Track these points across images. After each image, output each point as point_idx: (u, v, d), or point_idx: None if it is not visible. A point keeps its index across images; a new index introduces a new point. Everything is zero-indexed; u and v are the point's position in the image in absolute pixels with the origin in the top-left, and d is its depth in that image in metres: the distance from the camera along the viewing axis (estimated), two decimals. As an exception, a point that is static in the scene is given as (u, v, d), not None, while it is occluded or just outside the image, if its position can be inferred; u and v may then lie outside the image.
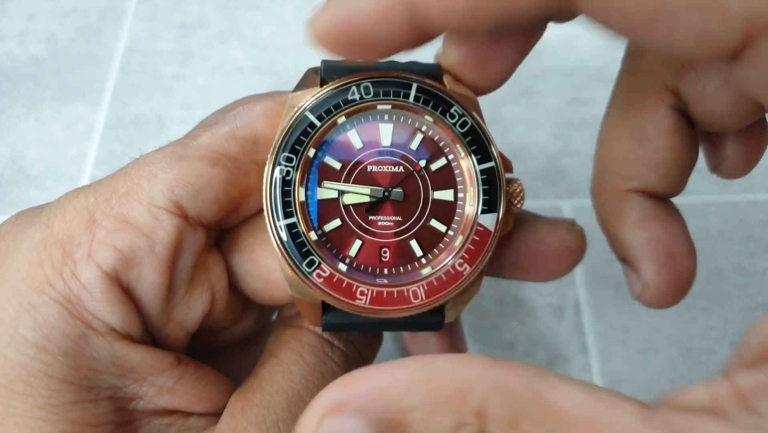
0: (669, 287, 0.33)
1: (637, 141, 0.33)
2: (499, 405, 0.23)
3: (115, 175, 0.32)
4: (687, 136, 0.33)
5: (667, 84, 0.32)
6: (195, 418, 0.32)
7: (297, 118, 0.31)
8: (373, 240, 0.32)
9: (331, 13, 0.27)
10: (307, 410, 0.25)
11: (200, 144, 0.32)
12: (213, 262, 0.33)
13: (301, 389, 0.32)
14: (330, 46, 0.28)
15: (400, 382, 0.24)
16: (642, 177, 0.33)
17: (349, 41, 0.28)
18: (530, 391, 0.23)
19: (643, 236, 0.33)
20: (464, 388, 0.23)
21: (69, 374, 0.29)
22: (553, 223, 0.35)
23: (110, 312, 0.29)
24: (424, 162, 0.32)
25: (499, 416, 0.23)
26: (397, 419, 0.23)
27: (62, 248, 0.29)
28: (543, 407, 0.23)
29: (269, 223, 0.30)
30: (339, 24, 0.27)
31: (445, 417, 0.23)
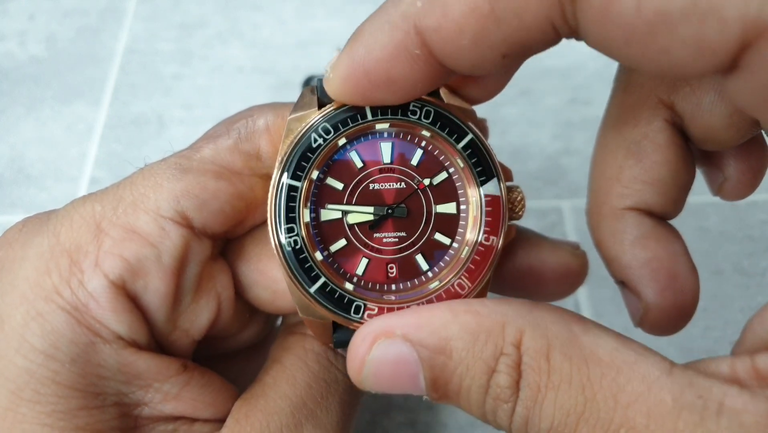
0: (672, 309, 0.32)
1: (633, 157, 0.32)
2: (535, 338, 0.25)
3: (120, 184, 0.32)
4: (683, 153, 0.32)
5: (661, 99, 0.32)
6: (199, 424, 0.32)
7: (300, 139, 0.31)
8: (380, 257, 0.32)
9: (346, 57, 0.28)
10: (357, 336, 0.27)
11: (204, 157, 0.32)
12: (219, 271, 0.33)
13: (305, 395, 0.32)
14: (349, 92, 0.29)
15: (445, 313, 0.26)
16: (638, 194, 0.32)
17: (368, 85, 0.28)
18: (566, 329, 0.25)
19: (642, 256, 0.32)
20: (504, 321, 0.25)
21: (76, 381, 0.29)
22: (556, 244, 0.35)
23: (117, 320, 0.29)
24: (428, 180, 0.32)
25: (534, 348, 0.25)
26: (440, 346, 0.26)
27: (69, 256, 0.30)
28: (575, 346, 0.25)
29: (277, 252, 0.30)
30: (356, 66, 0.28)
31: (486, 346, 0.25)
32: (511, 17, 0.25)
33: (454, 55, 0.26)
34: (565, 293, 0.36)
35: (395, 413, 0.50)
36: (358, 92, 0.29)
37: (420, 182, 0.32)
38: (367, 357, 0.27)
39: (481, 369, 0.25)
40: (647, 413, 0.23)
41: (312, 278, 0.30)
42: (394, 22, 0.27)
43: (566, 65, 0.67)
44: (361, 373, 0.27)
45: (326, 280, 0.30)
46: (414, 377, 0.26)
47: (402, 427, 0.49)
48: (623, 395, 0.23)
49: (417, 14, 0.26)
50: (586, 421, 0.23)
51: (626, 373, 0.24)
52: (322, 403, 0.32)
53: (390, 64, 0.27)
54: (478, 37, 0.25)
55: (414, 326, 0.26)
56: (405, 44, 0.27)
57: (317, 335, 0.32)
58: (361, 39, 0.27)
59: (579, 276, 0.35)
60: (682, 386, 0.23)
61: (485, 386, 0.25)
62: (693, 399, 0.23)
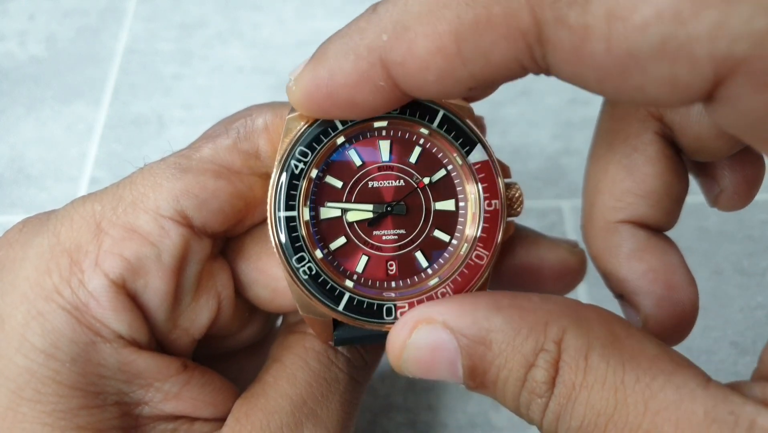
0: (671, 320, 0.32)
1: (625, 170, 0.32)
2: (577, 336, 0.25)
3: (120, 183, 0.32)
4: (674, 164, 0.32)
5: (650, 111, 0.32)
6: (200, 423, 0.32)
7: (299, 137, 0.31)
8: (379, 254, 0.32)
9: (309, 75, 0.28)
10: (398, 322, 0.28)
11: (203, 156, 0.32)
12: (219, 270, 0.33)
13: (305, 394, 0.32)
14: (311, 108, 0.29)
15: (489, 304, 0.26)
16: (632, 207, 0.32)
17: (330, 102, 0.28)
18: (608, 331, 0.25)
19: (639, 268, 0.32)
20: (548, 318, 0.26)
21: (76, 380, 0.29)
22: (554, 242, 0.35)
23: (117, 319, 0.29)
24: (428, 180, 0.32)
25: (575, 347, 0.25)
26: (481, 336, 0.26)
27: (69, 256, 0.30)
28: (616, 348, 0.25)
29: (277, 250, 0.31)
30: (318, 86, 0.27)
31: (527, 341, 0.25)
32: (478, 58, 0.24)
33: (419, 87, 0.26)
34: (564, 291, 0.36)
35: (395, 413, 0.50)
36: (319, 109, 0.29)
37: (419, 181, 0.32)
38: (408, 341, 0.27)
39: (519, 362, 0.26)
40: (676, 423, 0.23)
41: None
42: (359, 52, 0.26)
43: (566, 65, 0.67)
44: (401, 357, 0.27)
45: (325, 277, 0.30)
46: (453, 364, 0.26)
47: (402, 427, 0.49)
48: (654, 402, 0.23)
49: (383, 48, 0.26)
50: (615, 423, 0.24)
51: (661, 381, 0.24)
52: (322, 402, 0.32)
53: (353, 90, 0.27)
54: (444, 74, 0.25)
55: (455, 314, 0.26)
56: (369, 75, 0.27)
57: (318, 333, 0.32)
58: (325, 61, 0.27)
59: (577, 274, 0.35)
60: (716, 401, 0.23)
61: (522, 379, 0.26)
62: (725, 414, 0.23)
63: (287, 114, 0.31)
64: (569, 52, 0.23)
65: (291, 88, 0.29)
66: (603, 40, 0.22)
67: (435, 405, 0.50)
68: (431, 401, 0.50)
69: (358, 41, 0.26)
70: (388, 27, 0.26)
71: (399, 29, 0.25)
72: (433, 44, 0.25)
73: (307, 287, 0.30)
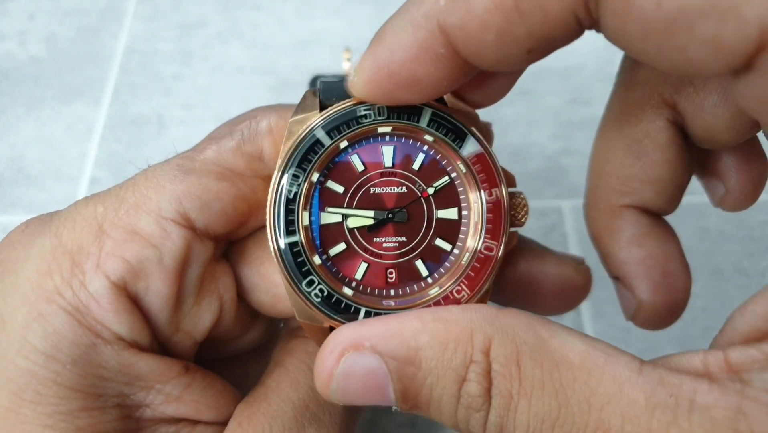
0: (664, 306, 0.33)
1: (633, 155, 0.32)
2: (503, 344, 0.25)
3: (123, 185, 0.32)
4: (682, 152, 0.32)
5: (664, 98, 0.32)
6: (201, 427, 0.32)
7: (301, 142, 0.31)
8: (379, 262, 0.31)
9: (370, 59, 0.28)
10: (325, 348, 0.27)
11: (207, 158, 0.32)
12: (222, 272, 0.33)
13: (308, 398, 0.32)
14: (375, 93, 0.28)
15: (413, 323, 0.26)
16: (637, 192, 0.32)
17: (392, 83, 0.28)
18: (533, 335, 0.25)
19: (638, 253, 0.32)
20: (472, 328, 0.25)
21: (77, 382, 0.29)
22: (559, 258, 0.35)
23: (118, 321, 0.29)
24: (433, 190, 0.32)
25: (504, 355, 0.25)
26: (410, 356, 0.25)
27: (71, 258, 0.30)
28: (545, 351, 0.24)
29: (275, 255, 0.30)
30: (380, 68, 0.27)
31: (455, 355, 0.25)
32: (536, 11, 0.25)
33: (479, 51, 0.26)
34: (567, 308, 0.36)
35: (395, 413, 0.50)
36: (383, 93, 0.29)
37: (424, 190, 0.32)
38: (335, 371, 0.26)
39: (451, 378, 0.25)
40: (621, 415, 0.23)
41: (309, 282, 0.30)
42: (417, 23, 0.26)
43: (566, 65, 0.67)
44: (329, 387, 0.27)
45: (322, 283, 0.30)
46: (383, 389, 0.26)
47: (402, 427, 0.49)
48: (596, 398, 0.23)
49: (440, 13, 0.26)
50: (561, 426, 0.23)
51: (597, 375, 0.24)
52: (325, 406, 0.32)
53: (414, 64, 0.27)
54: (503, 32, 0.25)
55: (383, 337, 0.26)
56: (429, 44, 0.27)
57: (315, 340, 0.32)
58: (384, 41, 0.27)
59: (581, 292, 0.35)
60: (654, 385, 0.23)
61: (456, 395, 0.25)
62: (665, 397, 0.23)
63: (290, 117, 0.31)
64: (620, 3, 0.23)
65: (353, 80, 0.29)
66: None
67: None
68: (431, 401, 0.50)
69: (414, 12, 0.27)
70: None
71: None
72: (491, 1, 0.25)
73: (305, 294, 0.30)
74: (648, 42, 0.24)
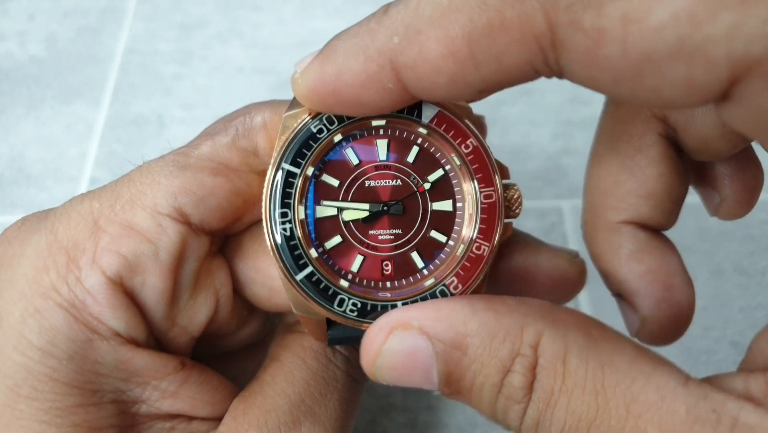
0: (669, 321, 0.32)
1: (628, 171, 0.32)
2: (553, 340, 0.25)
3: (118, 181, 0.32)
4: (676, 165, 0.32)
5: (654, 112, 0.32)
6: (197, 422, 0.32)
7: (295, 136, 0.31)
8: (375, 254, 0.32)
9: (316, 71, 0.27)
10: (373, 326, 0.27)
11: (202, 154, 0.32)
12: (217, 267, 0.33)
13: (303, 392, 0.32)
14: (315, 102, 0.28)
15: (465, 309, 0.26)
16: (634, 208, 0.32)
17: (335, 100, 0.28)
18: (585, 334, 0.25)
19: (638, 269, 0.32)
20: (524, 322, 0.25)
21: (73, 377, 0.29)
22: (554, 251, 0.35)
23: (114, 317, 0.29)
24: (429, 185, 0.32)
25: (552, 351, 0.25)
26: (457, 341, 0.25)
27: (67, 254, 0.30)
28: (593, 351, 0.24)
29: (271, 249, 0.30)
30: (324, 82, 0.27)
31: (503, 345, 0.25)
32: (490, 61, 0.24)
33: (428, 90, 0.26)
34: (560, 301, 0.35)
35: (395, 413, 0.50)
36: (323, 105, 0.29)
37: (420, 185, 0.32)
38: (383, 347, 0.26)
39: (495, 368, 0.25)
40: (659, 424, 0.23)
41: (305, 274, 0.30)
42: (369, 55, 0.26)
43: (566, 65, 0.67)
44: (374, 364, 0.27)
45: (320, 276, 0.30)
46: (428, 370, 0.26)
47: (402, 427, 0.49)
48: (636, 405, 0.23)
49: (393, 51, 0.26)
50: (597, 428, 0.23)
51: (641, 382, 0.24)
52: (320, 400, 0.32)
53: (360, 90, 0.27)
54: (455, 77, 0.25)
55: (432, 319, 0.26)
56: (378, 77, 0.26)
57: (312, 333, 0.32)
58: (334, 59, 0.27)
59: (576, 285, 0.35)
60: (697, 399, 0.23)
61: (498, 385, 0.25)
62: (707, 412, 0.22)
63: (284, 112, 0.31)
64: (584, 56, 0.23)
65: (297, 81, 0.29)
66: (618, 43, 0.22)
67: (435, 405, 0.50)
68: (431, 401, 0.50)
69: (368, 42, 0.26)
70: (400, 30, 0.25)
71: (411, 32, 0.25)
72: (446, 48, 0.25)
73: (302, 286, 0.30)
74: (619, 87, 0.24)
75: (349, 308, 0.30)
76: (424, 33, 0.25)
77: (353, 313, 0.30)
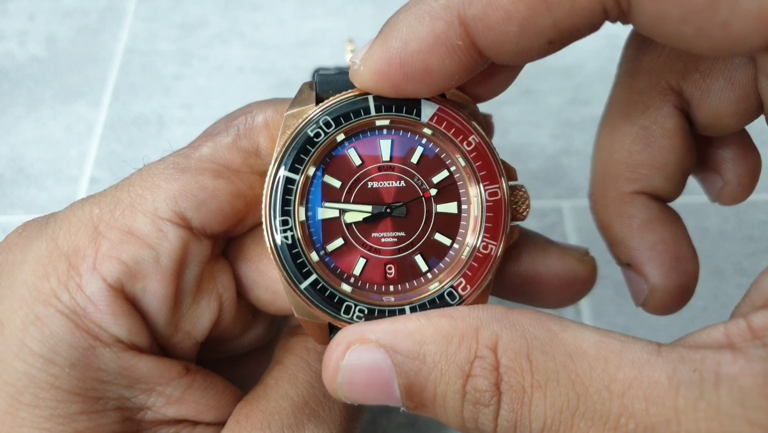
0: (677, 290, 0.33)
1: (642, 142, 0.32)
2: (512, 340, 0.24)
3: (118, 185, 0.32)
4: (688, 138, 0.33)
5: (671, 84, 0.32)
6: (201, 427, 0.32)
7: (296, 135, 0.30)
8: (378, 257, 0.31)
9: (380, 50, 0.27)
10: (332, 343, 0.27)
11: (202, 155, 0.31)
12: (220, 271, 0.33)
13: (307, 395, 0.32)
14: (382, 84, 0.28)
15: (420, 319, 0.26)
16: (647, 178, 0.32)
17: (402, 75, 0.27)
18: (544, 329, 0.25)
19: (650, 238, 0.33)
20: (477, 325, 0.25)
21: (76, 385, 0.29)
22: (563, 250, 0.34)
23: (116, 324, 0.29)
24: (435, 191, 0.31)
25: (513, 350, 0.24)
26: (414, 351, 0.25)
27: (67, 260, 0.30)
28: (557, 343, 0.24)
29: (273, 254, 0.30)
30: (390, 59, 0.27)
31: (459, 349, 0.25)
32: (564, 1, 0.24)
33: (498, 43, 0.26)
34: (570, 301, 0.35)
35: (395, 413, 0.50)
36: (391, 85, 0.28)
37: (426, 190, 0.31)
38: (341, 363, 0.26)
39: (455, 373, 0.25)
40: (644, 397, 0.22)
41: (306, 277, 0.30)
42: (435, 13, 0.26)
43: (566, 65, 0.67)
44: (335, 381, 0.26)
45: (320, 279, 0.30)
46: (389, 384, 0.26)
47: (402, 427, 0.49)
48: (616, 385, 0.23)
49: (462, 3, 0.25)
50: (582, 415, 0.23)
51: (615, 362, 0.23)
52: (324, 402, 0.32)
53: (428, 56, 0.27)
54: (527, 23, 0.25)
55: (388, 331, 0.26)
56: (447, 35, 0.26)
57: (314, 336, 0.32)
58: (397, 31, 0.27)
59: (586, 284, 0.35)
60: (675, 363, 0.23)
61: (461, 391, 0.25)
62: (689, 374, 0.22)
63: (286, 111, 0.31)
64: None
65: (358, 71, 0.28)
66: None
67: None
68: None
69: (432, 3, 0.26)
70: None
71: None
72: None
73: (306, 294, 0.30)
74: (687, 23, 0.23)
75: (356, 315, 0.30)
76: None
77: (361, 320, 0.30)
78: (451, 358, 0.25)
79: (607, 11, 0.25)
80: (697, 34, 0.23)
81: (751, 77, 0.30)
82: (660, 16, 0.24)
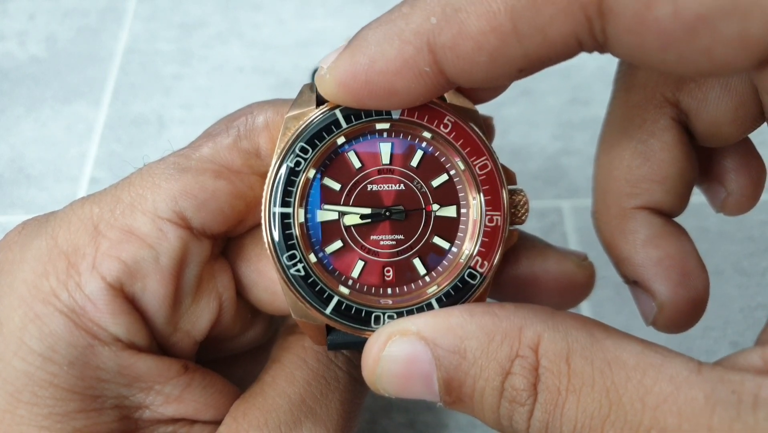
0: (686, 306, 0.32)
1: (641, 156, 0.32)
2: (554, 341, 0.24)
3: (119, 185, 0.32)
4: (688, 150, 0.32)
5: (666, 97, 0.31)
6: (199, 426, 0.32)
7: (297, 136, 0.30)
8: (376, 260, 0.31)
9: (346, 63, 0.27)
10: (373, 336, 0.27)
11: (203, 156, 0.31)
12: (220, 271, 0.33)
13: (304, 392, 0.32)
14: (345, 97, 0.28)
15: (463, 314, 0.26)
16: (648, 193, 0.32)
17: (367, 91, 0.27)
18: (587, 333, 0.25)
19: (655, 255, 0.32)
20: (522, 324, 0.25)
21: (74, 383, 0.29)
22: (562, 254, 0.34)
23: (115, 323, 0.29)
24: (438, 207, 0.31)
25: (553, 352, 0.24)
26: (455, 345, 0.25)
27: (67, 259, 0.30)
28: (598, 350, 0.24)
29: (271, 254, 0.30)
30: (356, 74, 0.27)
31: (501, 347, 0.25)
32: (535, 34, 0.24)
33: (467, 72, 0.26)
34: (568, 306, 0.35)
35: (395, 413, 0.50)
36: (354, 99, 0.28)
37: (429, 204, 0.31)
38: (381, 354, 0.26)
39: (494, 370, 0.25)
40: (678, 413, 0.22)
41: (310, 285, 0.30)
42: (405, 37, 0.26)
43: (566, 65, 0.67)
44: (375, 372, 0.27)
45: (322, 286, 0.30)
46: (428, 377, 0.26)
47: (402, 427, 0.49)
48: (650, 397, 0.23)
49: (431, 31, 0.25)
50: (612, 424, 0.23)
51: (652, 375, 0.23)
52: (321, 400, 0.32)
53: (394, 77, 0.27)
54: (497, 53, 0.25)
55: (430, 324, 0.26)
56: (414, 60, 0.26)
57: (311, 337, 0.32)
58: (365, 47, 0.27)
59: (584, 289, 0.34)
60: (714, 383, 0.22)
61: (499, 388, 0.25)
62: (727, 395, 0.22)
63: (286, 113, 0.31)
64: (632, 20, 0.22)
65: (324, 78, 0.28)
66: (669, 3, 0.21)
67: (435, 405, 0.50)
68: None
69: (403, 26, 0.26)
70: (437, 10, 0.25)
71: (449, 11, 0.25)
72: (488, 23, 0.24)
73: (298, 289, 0.30)
74: (668, 52, 0.23)
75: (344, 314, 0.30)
76: (464, 10, 0.24)
77: (348, 319, 0.30)
78: (492, 355, 0.25)
79: (581, 43, 0.24)
80: (679, 61, 0.23)
81: (747, 83, 0.30)
82: (638, 47, 0.23)
